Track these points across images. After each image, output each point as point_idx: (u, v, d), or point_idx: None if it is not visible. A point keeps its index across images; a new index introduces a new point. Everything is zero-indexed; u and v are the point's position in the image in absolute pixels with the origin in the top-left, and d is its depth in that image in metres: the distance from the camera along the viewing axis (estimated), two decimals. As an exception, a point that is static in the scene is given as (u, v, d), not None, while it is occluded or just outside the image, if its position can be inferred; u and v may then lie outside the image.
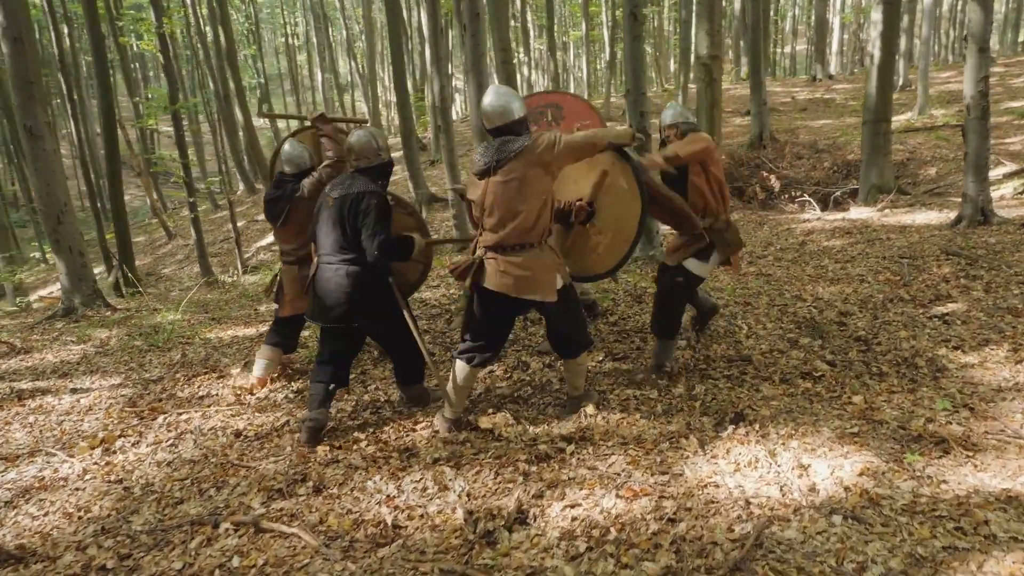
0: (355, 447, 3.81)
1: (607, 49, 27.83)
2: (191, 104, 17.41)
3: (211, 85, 24.59)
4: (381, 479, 3.43)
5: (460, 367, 3.83)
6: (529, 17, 39.51)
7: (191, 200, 16.19)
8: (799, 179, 12.40)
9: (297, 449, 3.81)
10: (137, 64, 33.99)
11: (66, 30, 16.96)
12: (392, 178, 4.34)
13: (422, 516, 3.10)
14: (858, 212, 9.95)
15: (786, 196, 11.95)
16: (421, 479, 3.40)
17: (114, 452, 3.95)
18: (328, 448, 3.80)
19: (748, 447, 3.48)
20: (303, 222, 4.44)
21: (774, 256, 7.86)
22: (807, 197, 11.34)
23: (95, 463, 3.82)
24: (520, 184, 3.51)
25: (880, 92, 10.17)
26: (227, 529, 3.05)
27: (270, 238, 15.47)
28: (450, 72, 22.86)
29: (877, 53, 10.11)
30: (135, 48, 23.18)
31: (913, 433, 3.52)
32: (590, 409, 4.04)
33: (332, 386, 3.98)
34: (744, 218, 10.53)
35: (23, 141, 7.08)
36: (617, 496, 3.11)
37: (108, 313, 7.42)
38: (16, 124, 6.76)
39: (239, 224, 17.58)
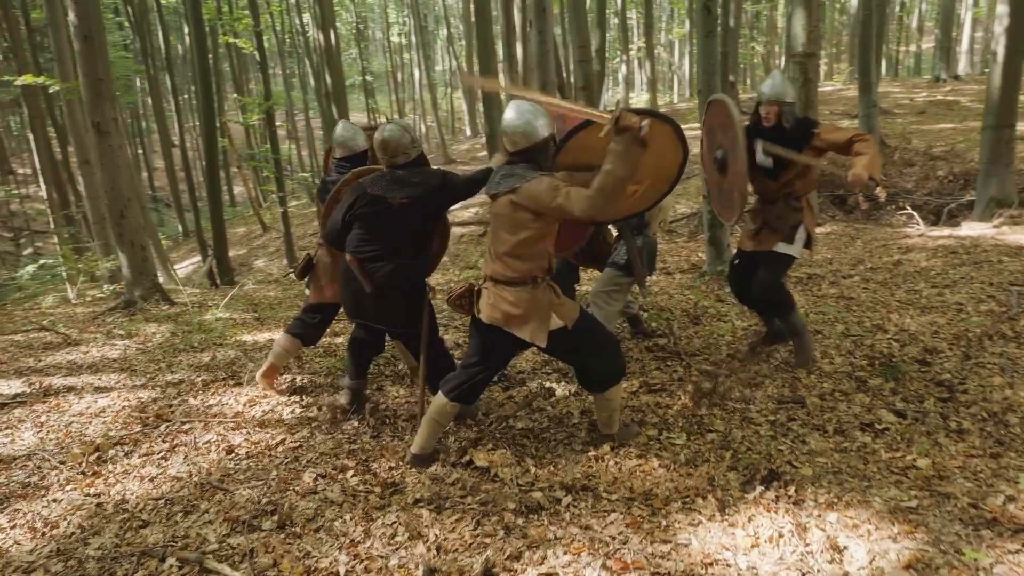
0: (340, 476, 3.51)
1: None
2: (283, 101, 17.85)
3: (312, 82, 25.31)
4: (352, 519, 3.11)
5: (442, 401, 3.52)
6: (633, 14, 38.63)
7: (281, 195, 16.68)
8: (909, 189, 11.29)
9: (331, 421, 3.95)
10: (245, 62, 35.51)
11: (186, 30, 17.74)
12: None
13: (381, 570, 2.75)
14: (969, 228, 8.87)
15: (893, 207, 10.90)
16: (394, 523, 3.05)
17: (104, 461, 3.83)
18: (313, 476, 3.53)
19: (775, 516, 2.93)
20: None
21: (861, 277, 7.06)
22: (909, 209, 10.27)
23: (81, 472, 3.70)
24: (511, 221, 3.26)
25: (1004, 93, 9.05)
26: (172, 565, 2.80)
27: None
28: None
29: (1001, 50, 8.99)
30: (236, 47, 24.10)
31: (987, 514, 2.87)
32: (605, 448, 3.59)
33: (365, 353, 4.23)
34: (836, 231, 9.63)
35: (92, 137, 7.26)
36: (603, 567, 2.66)
37: (166, 307, 7.53)
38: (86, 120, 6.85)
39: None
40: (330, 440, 3.95)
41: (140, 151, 29.41)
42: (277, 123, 17.15)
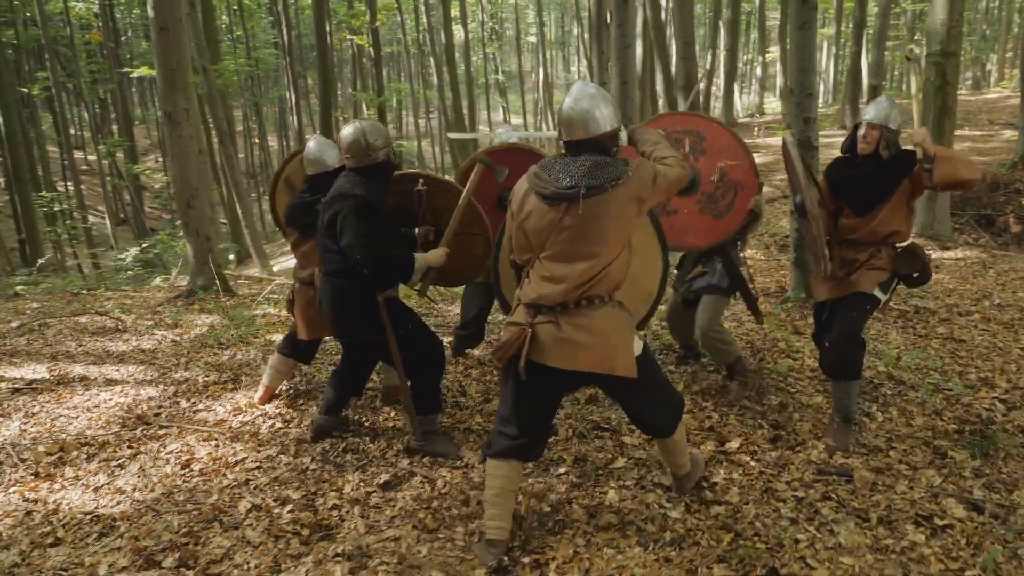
0: (276, 511, 3.12)
1: (865, 48, 24.56)
2: (395, 98, 18.04)
3: (435, 80, 25.62)
4: (258, 568, 2.71)
5: (497, 466, 2.81)
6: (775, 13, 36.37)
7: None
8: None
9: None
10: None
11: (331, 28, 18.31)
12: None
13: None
14: None
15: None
16: (301, 578, 2.63)
17: (63, 464, 3.66)
18: (248, 507, 3.16)
19: (753, 638, 2.24)
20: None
21: (983, 315, 5.92)
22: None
23: (35, 473, 3.55)
24: (612, 221, 2.59)
25: None
26: (42, 602, 2.52)
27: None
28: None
29: None
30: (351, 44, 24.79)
31: None
32: (577, 510, 2.98)
33: (342, 393, 3.84)
34: (968, 257, 8.29)
35: (163, 126, 7.37)
36: None
37: (225, 299, 7.54)
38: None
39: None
40: (292, 463, 3.59)
41: (286, 144, 30.82)
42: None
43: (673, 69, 11.32)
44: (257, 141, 30.61)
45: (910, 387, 4.39)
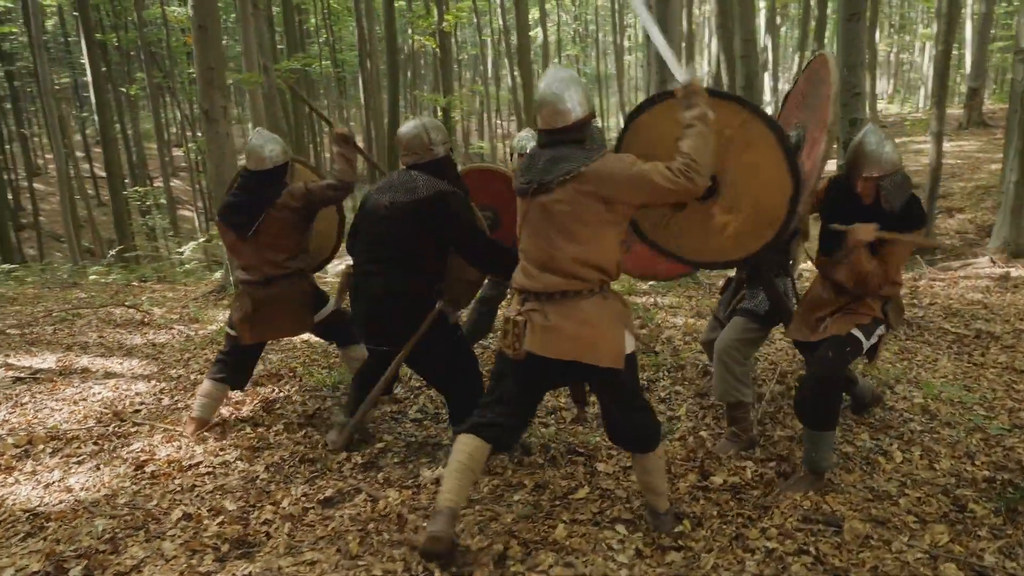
0: (206, 522, 2.97)
1: (968, 47, 22.91)
2: (467, 100, 18.01)
3: (509, 80, 25.56)
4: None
5: (466, 441, 2.68)
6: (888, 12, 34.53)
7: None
8: None
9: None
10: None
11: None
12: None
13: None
14: None
15: None
16: (197, 601, 2.45)
17: (26, 457, 3.64)
18: (180, 515, 3.03)
19: None
20: (278, 235, 3.70)
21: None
22: None
23: (-4, 467, 3.53)
24: (570, 217, 2.55)
25: None
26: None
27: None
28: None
29: None
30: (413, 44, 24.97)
31: None
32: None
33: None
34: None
35: (201, 123, 7.46)
36: None
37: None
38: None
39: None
40: (246, 470, 3.44)
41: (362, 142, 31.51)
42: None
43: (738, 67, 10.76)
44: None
45: (945, 423, 3.86)
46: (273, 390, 4.45)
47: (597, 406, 3.10)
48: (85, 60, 17.19)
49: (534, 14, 27.89)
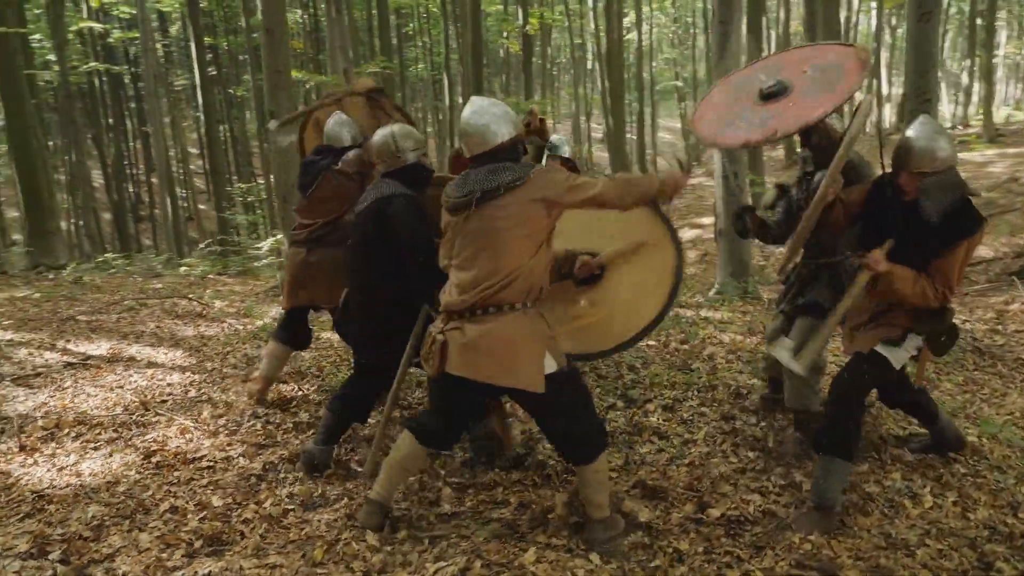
0: (187, 517, 3.02)
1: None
2: (549, 101, 17.96)
3: (598, 83, 25.29)
4: (132, 571, 2.61)
5: (405, 440, 2.85)
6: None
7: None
8: None
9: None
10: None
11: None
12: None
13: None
14: None
15: None
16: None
17: (50, 440, 3.82)
18: (168, 507, 3.10)
19: None
20: (327, 198, 4.00)
21: None
22: None
23: (21, 446, 3.72)
24: (511, 224, 2.56)
25: None
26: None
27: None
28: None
29: None
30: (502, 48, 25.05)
31: None
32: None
33: (343, 418, 3.45)
34: None
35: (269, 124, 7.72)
36: None
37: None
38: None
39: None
40: (245, 467, 3.50)
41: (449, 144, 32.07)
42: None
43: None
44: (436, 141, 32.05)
45: (994, 467, 3.47)
46: (294, 388, 4.51)
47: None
48: (194, 63, 18.22)
49: (634, 16, 27.54)
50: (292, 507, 3.11)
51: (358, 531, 2.89)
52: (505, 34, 21.02)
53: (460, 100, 20.18)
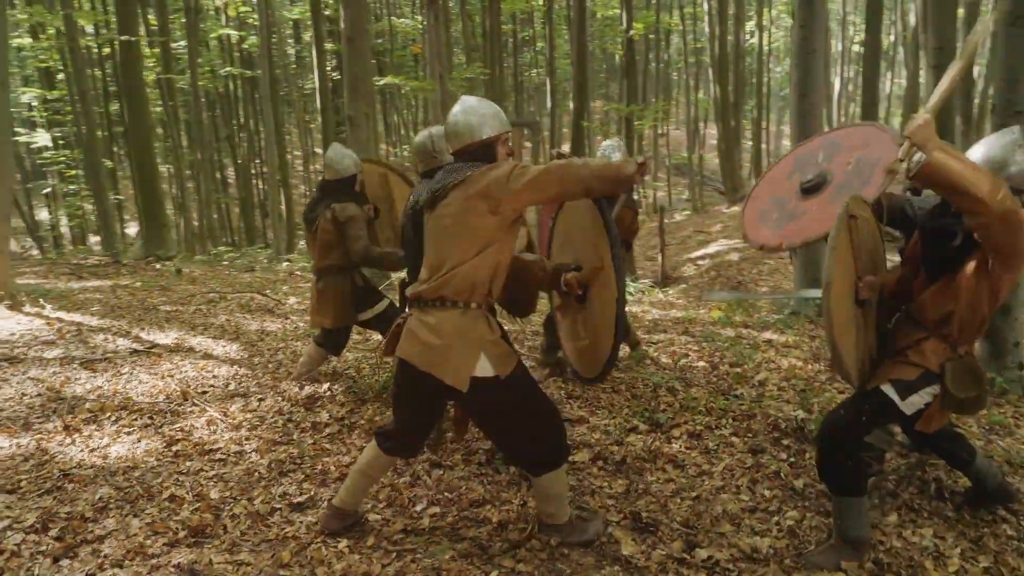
0: (183, 507, 3.15)
1: None
2: (657, 107, 17.57)
3: (713, 90, 24.52)
4: (106, 558, 2.74)
5: (370, 448, 2.92)
6: None
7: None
8: None
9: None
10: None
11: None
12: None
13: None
14: None
15: None
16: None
17: (91, 422, 4.09)
18: (167, 496, 3.24)
19: None
20: (324, 237, 4.28)
21: None
22: None
23: (65, 426, 4.01)
24: (454, 222, 2.63)
25: None
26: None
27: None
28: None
29: None
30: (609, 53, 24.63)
31: None
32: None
33: None
34: None
35: (347, 128, 8.00)
36: None
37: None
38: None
39: (686, 232, 17.13)
40: (254, 463, 3.61)
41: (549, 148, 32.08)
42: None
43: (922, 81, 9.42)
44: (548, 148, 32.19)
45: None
46: (327, 388, 4.61)
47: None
48: (315, 67, 19.18)
49: (750, 21, 26.61)
50: (280, 507, 3.17)
51: (329, 536, 2.91)
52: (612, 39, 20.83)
53: (570, 105, 20.22)
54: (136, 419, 4.13)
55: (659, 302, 8.52)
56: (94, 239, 20.39)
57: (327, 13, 21.02)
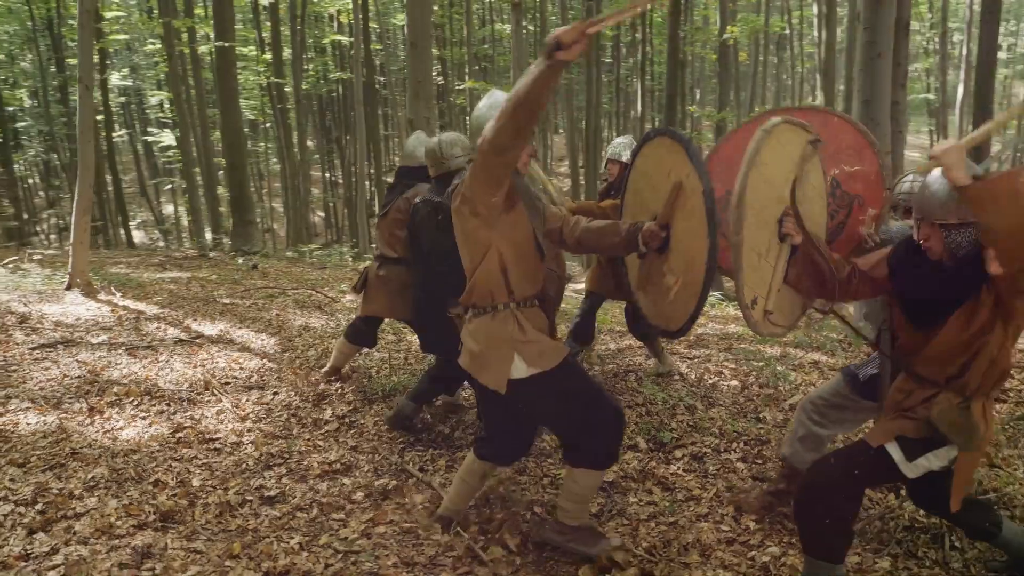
0: (163, 491, 3.27)
1: None
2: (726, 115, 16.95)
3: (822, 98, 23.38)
4: (75, 535, 2.88)
5: (469, 454, 3.02)
6: None
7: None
8: None
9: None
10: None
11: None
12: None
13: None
14: None
15: None
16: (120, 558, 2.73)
17: (114, 405, 4.31)
18: (152, 481, 3.37)
19: None
20: (392, 223, 4.26)
21: None
22: None
23: (90, 407, 4.25)
24: (459, 232, 2.66)
25: None
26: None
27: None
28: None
29: None
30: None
31: None
32: None
33: (437, 388, 4.05)
34: None
35: (405, 130, 8.12)
36: None
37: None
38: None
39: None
40: (243, 456, 3.71)
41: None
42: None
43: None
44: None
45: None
46: (338, 386, 4.69)
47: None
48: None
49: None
50: (252, 499, 3.25)
51: (287, 532, 2.95)
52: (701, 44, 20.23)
53: (644, 111, 19.81)
54: (154, 405, 4.34)
55: (721, 316, 8.16)
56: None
57: (433, 20, 21.59)
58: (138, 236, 24.89)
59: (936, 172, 2.34)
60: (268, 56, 20.28)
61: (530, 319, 2.63)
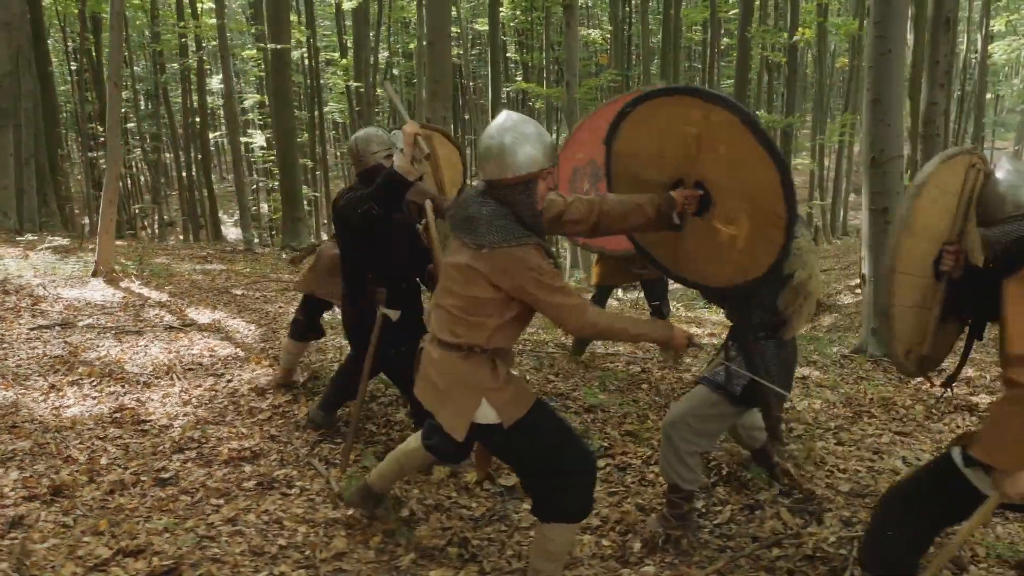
0: (57, 467, 3.38)
1: None
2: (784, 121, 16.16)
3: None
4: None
5: (413, 438, 2.85)
6: None
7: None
8: None
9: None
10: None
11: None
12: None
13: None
14: None
15: None
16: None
17: (74, 385, 4.49)
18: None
19: None
20: None
21: None
22: None
23: (51, 385, 4.45)
24: (464, 277, 2.35)
25: None
26: None
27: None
28: None
29: None
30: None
31: None
32: None
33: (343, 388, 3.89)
34: None
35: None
36: None
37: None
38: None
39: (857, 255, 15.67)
40: (160, 440, 3.79)
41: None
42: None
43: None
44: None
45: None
46: (309, 385, 4.68)
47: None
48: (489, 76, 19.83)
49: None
50: (145, 480, 3.30)
51: (161, 514, 2.99)
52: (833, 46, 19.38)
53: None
54: (110, 386, 4.50)
55: (717, 322, 7.79)
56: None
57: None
58: (234, 233, 25.69)
59: None
60: (346, 61, 20.99)
61: (503, 359, 2.44)
